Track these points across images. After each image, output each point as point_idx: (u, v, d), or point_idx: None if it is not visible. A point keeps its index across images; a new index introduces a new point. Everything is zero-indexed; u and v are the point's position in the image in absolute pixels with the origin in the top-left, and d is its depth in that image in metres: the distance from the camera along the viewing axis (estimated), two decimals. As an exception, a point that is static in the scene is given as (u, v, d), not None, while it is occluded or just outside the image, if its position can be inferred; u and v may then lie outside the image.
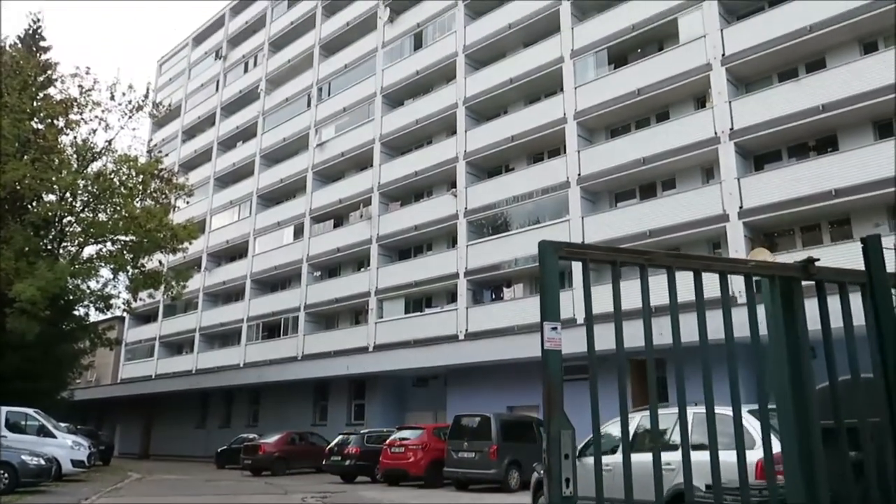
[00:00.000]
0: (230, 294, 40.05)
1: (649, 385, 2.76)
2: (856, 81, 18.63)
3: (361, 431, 22.47)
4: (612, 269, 2.44)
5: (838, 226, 19.70)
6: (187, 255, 32.62)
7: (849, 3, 19.12)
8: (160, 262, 29.69)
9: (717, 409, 2.88)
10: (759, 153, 21.44)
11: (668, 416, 5.22)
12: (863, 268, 3.15)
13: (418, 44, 32.26)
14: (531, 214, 26.04)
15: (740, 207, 20.15)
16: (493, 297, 26.85)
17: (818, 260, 2.70)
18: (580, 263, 2.62)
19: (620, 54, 24.87)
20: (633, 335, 2.86)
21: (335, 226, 34.28)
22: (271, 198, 38.72)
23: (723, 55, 21.49)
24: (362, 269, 32.12)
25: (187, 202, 32.31)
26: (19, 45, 27.13)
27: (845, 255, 17.25)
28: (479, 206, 27.33)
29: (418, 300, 29.47)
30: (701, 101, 22.75)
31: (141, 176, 25.07)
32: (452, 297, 27.60)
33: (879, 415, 2.94)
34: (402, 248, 31.34)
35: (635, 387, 16.29)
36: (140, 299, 29.42)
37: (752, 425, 5.64)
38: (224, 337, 39.60)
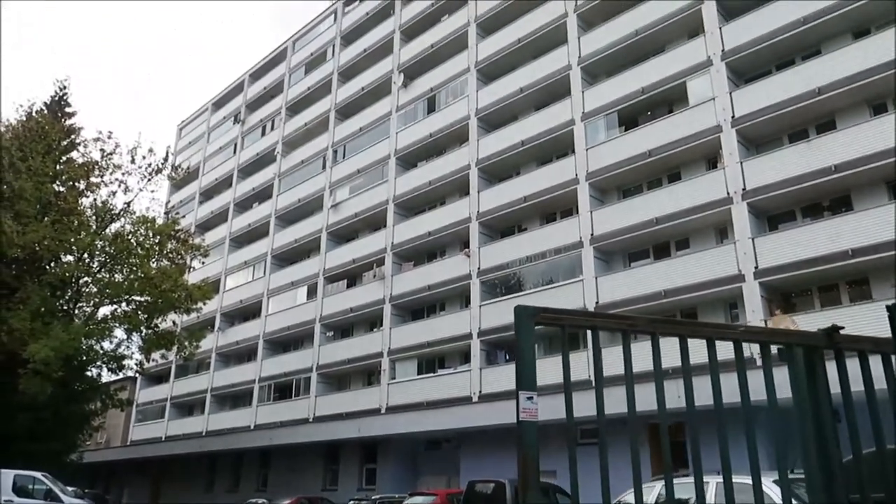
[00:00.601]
0: (242, 354, 39.91)
1: (664, 452, 2.66)
2: (866, 142, 18.70)
3: (373, 497, 21.93)
4: (591, 335, 2.37)
5: (857, 286, 19.44)
6: (201, 315, 32.66)
7: (856, 65, 19.39)
8: (174, 322, 29.77)
9: (738, 479, 2.76)
10: (773, 213, 21.39)
11: (687, 485, 5.04)
12: (883, 332, 3.06)
13: (431, 107, 32.95)
14: (545, 274, 25.96)
15: (756, 267, 19.98)
16: (508, 357, 26.52)
17: (843, 328, 2.63)
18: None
19: (631, 116, 25.23)
20: (651, 400, 2.77)
21: (348, 286, 34.34)
22: (285, 258, 39.00)
23: (732, 117, 21.73)
24: (375, 330, 31.97)
25: (203, 262, 32.57)
26: (45, 111, 28.00)
27: (866, 316, 17.03)
28: (492, 266, 27.33)
29: (431, 361, 29.18)
30: (712, 161, 22.88)
31: (158, 237, 25.41)
32: (466, 357, 27.32)
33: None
34: (415, 309, 31.24)
35: (654, 454, 15.84)
36: (152, 360, 29.35)
37: (774, 493, 5.42)
38: (235, 398, 39.26)
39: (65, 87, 29.65)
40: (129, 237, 25.00)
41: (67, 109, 29.63)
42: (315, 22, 43.69)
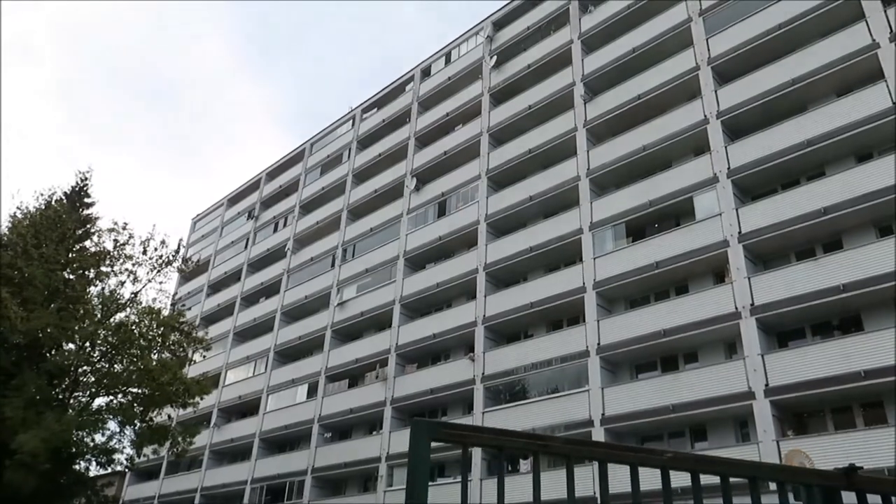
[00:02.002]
0: (237, 453, 38.71)
1: None
2: (874, 263, 18.74)
3: None
4: (499, 455, 2.19)
5: (870, 408, 18.89)
6: (197, 410, 31.96)
7: (860, 187, 19.72)
8: (169, 416, 29.06)
9: None
10: (783, 330, 21.16)
11: None
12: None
13: (442, 211, 33.55)
14: (550, 382, 25.46)
15: (766, 385, 19.52)
16: (510, 469, 25.56)
17: (861, 468, 2.47)
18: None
19: (638, 227, 25.52)
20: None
21: (350, 386, 33.74)
22: (288, 354, 38.58)
23: (739, 232, 21.94)
24: (374, 433, 31.09)
25: (204, 356, 32.23)
26: (65, 201, 28.60)
27: (880, 441, 16.46)
28: (496, 371, 26.88)
29: (431, 469, 28.09)
30: (720, 275, 22.90)
31: (161, 328, 25.25)
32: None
33: None
34: (416, 412, 30.49)
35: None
36: (143, 455, 28.45)
37: None
38: (226, 499, 37.71)
39: (86, 179, 30.43)
40: (133, 327, 24.85)
41: (86, 200, 30.28)
42: (333, 126, 45.37)
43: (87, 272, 25.62)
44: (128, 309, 25.72)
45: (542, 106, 30.99)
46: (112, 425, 25.37)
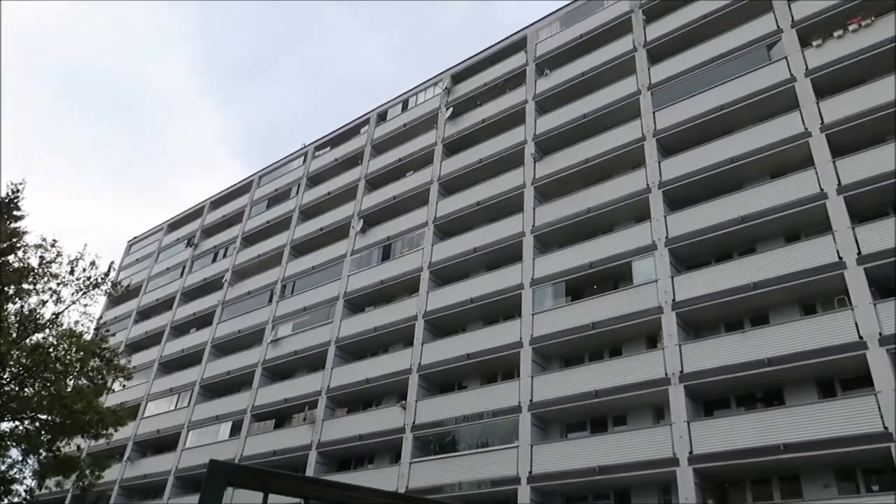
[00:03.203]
0: (148, 490, 36.75)
1: None
2: (798, 340, 19.44)
3: None
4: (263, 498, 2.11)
5: (789, 482, 19.32)
6: (111, 442, 30.33)
7: (787, 266, 20.58)
8: (78, 446, 27.49)
9: None
10: (709, 399, 21.61)
11: None
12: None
13: (386, 255, 33.42)
14: (480, 436, 25.22)
15: (690, 452, 19.80)
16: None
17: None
18: None
19: (578, 287, 25.92)
20: None
21: (276, 426, 32.65)
22: (214, 389, 37.23)
23: (673, 300, 22.50)
24: (297, 478, 30.00)
25: (124, 385, 30.75)
26: (-8, 212, 27.30)
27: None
28: (427, 421, 26.51)
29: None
30: (653, 340, 23.35)
31: (81, 353, 24.01)
32: (389, 518, 25.61)
33: None
34: (342, 458, 29.70)
35: None
36: (46, 487, 26.70)
37: None
38: (131, 540, 35.61)
39: (18, 191, 29.21)
40: (51, 350, 23.58)
41: (15, 213, 29.00)
42: (285, 160, 45.05)
43: (6, 288, 24.32)
44: (47, 330, 24.43)
45: (493, 160, 31.56)
46: (14, 453, 23.81)
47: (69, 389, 23.41)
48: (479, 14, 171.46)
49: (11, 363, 23.23)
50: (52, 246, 24.73)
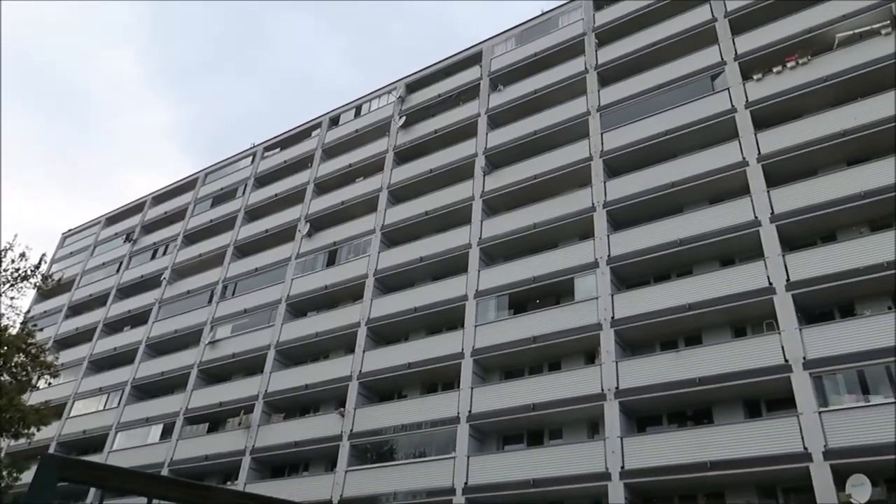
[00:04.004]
0: (69, 494, 35.28)
1: None
2: (728, 361, 20.15)
3: None
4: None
5: (714, 498, 19.95)
6: (32, 442, 29.06)
7: (722, 289, 21.35)
8: (-3, 446, 26.26)
9: None
10: (642, 415, 22.15)
11: None
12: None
13: (331, 260, 33.14)
14: (418, 446, 25.21)
15: (622, 467, 20.24)
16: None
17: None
18: None
19: (521, 301, 26.24)
20: None
21: (209, 430, 31.86)
22: (146, 390, 36.12)
23: (612, 318, 23.02)
24: (229, 483, 29.35)
25: (50, 383, 29.53)
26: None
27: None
28: (365, 430, 26.34)
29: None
30: (591, 356, 23.82)
31: (5, 347, 22.98)
32: (321, 527, 25.30)
33: None
34: (277, 465, 29.20)
35: None
36: (-42, 488, 25.35)
37: None
38: (49, 544, 34.08)
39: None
40: (-28, 343, 22.47)
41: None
42: (232, 159, 44.20)
43: (-74, 277, 23.10)
44: (-31, 323, 23.30)
45: (444, 171, 31.74)
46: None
47: (-10, 385, 22.34)
48: (438, 25, 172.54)
49: (-72, 356, 22.07)
50: (-21, 235, 23.66)
